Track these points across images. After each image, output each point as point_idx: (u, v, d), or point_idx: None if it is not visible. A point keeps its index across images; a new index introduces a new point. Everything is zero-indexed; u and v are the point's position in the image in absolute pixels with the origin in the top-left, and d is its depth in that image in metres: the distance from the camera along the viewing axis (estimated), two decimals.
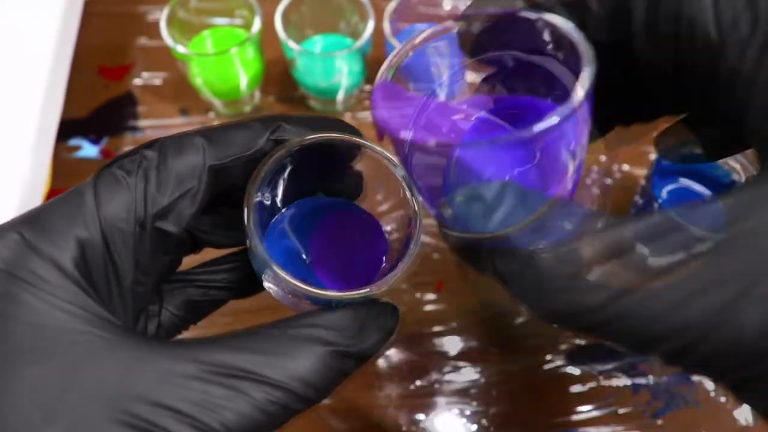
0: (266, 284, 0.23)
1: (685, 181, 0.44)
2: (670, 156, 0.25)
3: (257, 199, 0.22)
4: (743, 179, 0.40)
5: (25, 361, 0.18)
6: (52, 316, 0.19)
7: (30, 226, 0.20)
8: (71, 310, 0.19)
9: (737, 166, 0.41)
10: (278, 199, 0.26)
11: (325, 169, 0.26)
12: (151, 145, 0.22)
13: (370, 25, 0.46)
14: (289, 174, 0.25)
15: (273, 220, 0.25)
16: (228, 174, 0.22)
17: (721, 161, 0.42)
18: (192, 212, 0.21)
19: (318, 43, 0.51)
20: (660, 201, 0.39)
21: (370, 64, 0.52)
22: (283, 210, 0.26)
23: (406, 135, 0.21)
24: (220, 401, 0.18)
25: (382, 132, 0.21)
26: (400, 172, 0.23)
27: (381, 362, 0.43)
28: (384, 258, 0.25)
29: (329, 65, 0.47)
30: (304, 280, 0.21)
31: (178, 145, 0.22)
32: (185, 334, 0.27)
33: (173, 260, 0.25)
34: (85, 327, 0.19)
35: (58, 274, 0.19)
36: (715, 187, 0.44)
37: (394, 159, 0.23)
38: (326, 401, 0.40)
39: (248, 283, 0.27)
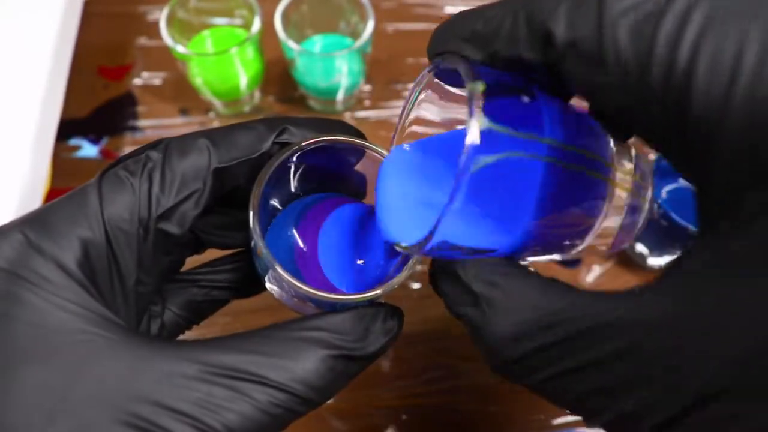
0: (269, 285, 0.24)
1: (685, 181, 0.44)
2: None
3: (262, 201, 0.22)
4: None
5: (27, 360, 0.18)
6: (55, 316, 0.19)
7: (33, 226, 0.20)
8: (74, 310, 0.19)
9: None
10: (283, 201, 0.26)
11: (329, 171, 0.26)
12: (155, 146, 0.22)
13: (370, 25, 0.46)
14: (294, 176, 0.25)
15: (278, 217, 0.25)
16: (232, 176, 0.22)
17: None
18: (195, 214, 0.22)
19: (318, 43, 0.51)
20: (660, 201, 0.39)
21: (370, 64, 0.52)
22: (289, 206, 0.26)
23: None
24: (222, 402, 0.18)
25: None
26: None
27: (381, 362, 0.43)
28: (390, 258, 0.25)
29: (329, 65, 0.47)
30: (308, 283, 0.21)
31: (183, 147, 0.22)
32: (187, 334, 0.27)
33: (176, 261, 0.25)
34: (87, 327, 0.19)
35: (61, 274, 0.19)
36: None
37: None
38: (327, 401, 0.40)
39: (250, 283, 0.27)
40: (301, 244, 0.25)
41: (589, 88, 0.17)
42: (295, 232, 0.25)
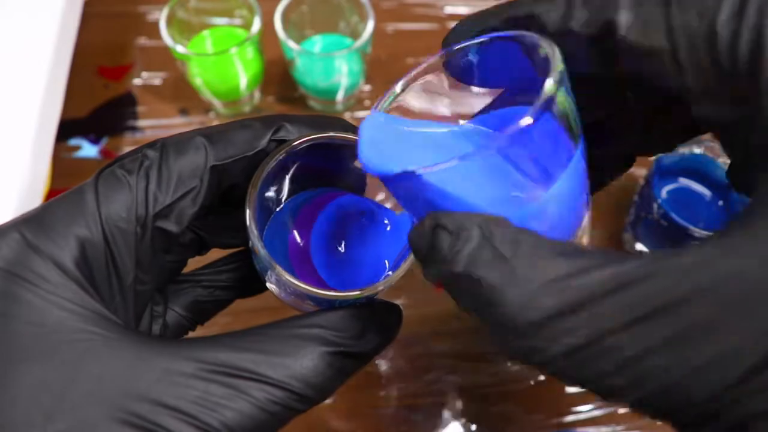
0: (268, 284, 0.23)
1: (684, 181, 0.44)
2: None
3: (259, 200, 0.22)
4: None
5: (26, 359, 0.18)
6: (52, 314, 0.19)
7: (31, 226, 0.20)
8: (72, 308, 0.19)
9: None
10: (281, 199, 0.26)
11: (327, 169, 0.26)
12: (152, 145, 0.22)
13: (370, 25, 0.46)
14: (291, 173, 0.25)
15: (275, 215, 0.25)
16: (230, 174, 0.22)
17: (722, 160, 0.42)
18: (193, 212, 0.22)
19: (317, 43, 0.51)
20: (660, 201, 0.39)
21: (370, 64, 0.52)
22: (288, 201, 0.26)
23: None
24: (221, 400, 0.18)
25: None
26: None
27: (381, 362, 0.43)
28: (388, 254, 0.25)
29: (329, 65, 0.47)
30: (305, 280, 0.21)
31: (180, 145, 0.22)
32: (188, 334, 0.27)
33: (178, 261, 0.25)
34: (85, 326, 0.19)
35: (58, 273, 0.19)
36: (714, 187, 0.44)
37: None
38: (326, 401, 0.40)
39: (253, 282, 0.27)
40: (298, 241, 0.25)
41: (649, 57, 0.17)
42: (293, 230, 0.25)
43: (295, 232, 0.25)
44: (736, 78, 0.15)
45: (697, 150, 0.42)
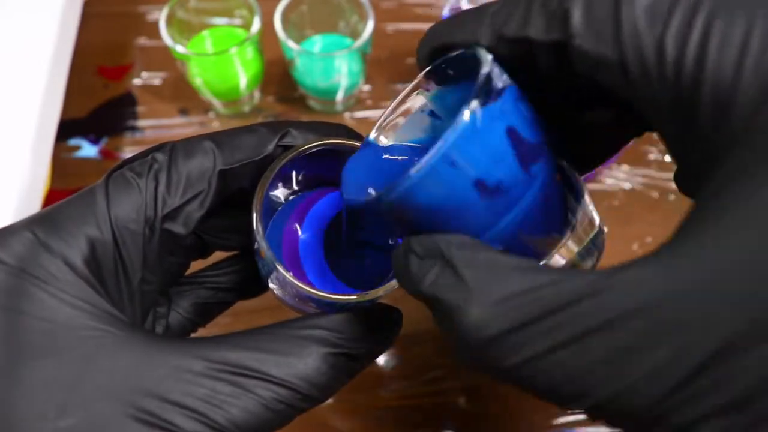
0: (271, 285, 0.24)
1: None
2: None
3: (265, 203, 0.22)
4: None
5: (37, 355, 0.18)
6: (63, 312, 0.19)
7: (43, 225, 0.20)
8: (82, 306, 0.19)
9: None
10: (286, 203, 0.26)
11: (331, 174, 0.26)
12: (161, 148, 0.22)
13: (370, 25, 0.46)
14: (296, 178, 0.25)
15: (281, 215, 0.25)
16: (236, 178, 0.23)
17: None
18: (200, 215, 0.22)
19: (317, 43, 0.51)
20: None
21: (370, 63, 0.52)
22: (292, 203, 0.26)
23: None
24: (227, 398, 0.19)
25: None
26: None
27: (382, 362, 0.43)
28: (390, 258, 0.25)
29: (328, 65, 0.47)
30: (309, 283, 0.21)
31: (188, 149, 0.22)
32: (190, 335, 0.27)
33: (181, 263, 0.25)
34: (95, 323, 0.19)
35: (68, 272, 0.20)
36: None
37: None
38: (328, 401, 0.40)
39: (254, 284, 0.27)
40: (302, 244, 0.25)
41: (600, 66, 0.17)
42: (297, 232, 0.25)
43: (300, 235, 0.25)
44: (680, 91, 0.15)
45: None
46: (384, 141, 0.23)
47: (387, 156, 0.23)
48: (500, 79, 0.18)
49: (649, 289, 0.14)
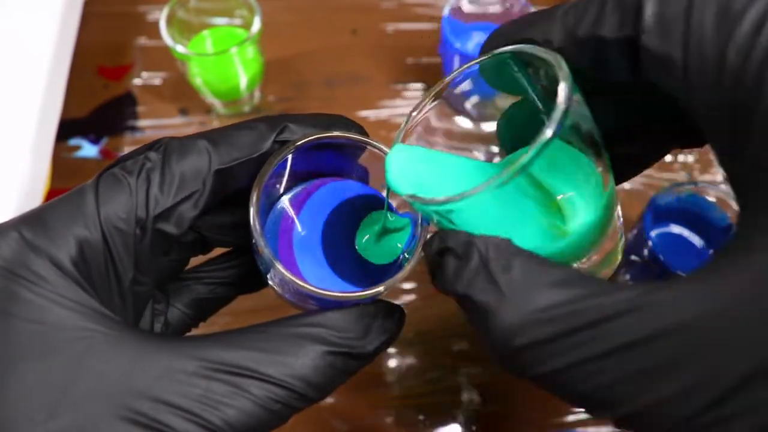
0: (270, 282, 0.23)
1: (676, 228, 0.43)
2: None
3: (263, 199, 0.22)
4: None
5: (27, 357, 0.18)
6: (52, 313, 0.19)
7: (30, 225, 0.20)
8: (71, 306, 0.19)
9: (734, 205, 0.38)
10: (284, 198, 0.25)
11: (331, 167, 0.26)
12: (154, 146, 0.22)
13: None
14: (295, 173, 0.25)
15: (279, 211, 0.25)
16: (234, 176, 0.22)
17: (717, 200, 0.41)
18: (194, 215, 0.21)
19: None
20: (651, 243, 0.37)
21: (370, 63, 0.52)
22: (291, 199, 0.25)
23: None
24: (223, 398, 0.18)
25: None
26: None
27: (381, 362, 0.43)
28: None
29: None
30: (308, 280, 0.21)
31: (183, 149, 0.22)
32: (188, 334, 0.27)
33: (180, 261, 0.25)
34: (85, 324, 0.19)
35: (56, 272, 0.19)
36: (709, 231, 0.42)
37: None
38: (327, 401, 0.40)
39: (253, 279, 0.27)
40: (301, 240, 0.25)
41: (664, 67, 0.17)
42: (296, 228, 0.25)
43: (299, 231, 0.25)
44: (737, 104, 0.15)
45: (689, 187, 0.41)
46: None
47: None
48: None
49: (686, 310, 0.14)
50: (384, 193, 0.25)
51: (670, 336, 0.14)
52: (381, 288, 0.22)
